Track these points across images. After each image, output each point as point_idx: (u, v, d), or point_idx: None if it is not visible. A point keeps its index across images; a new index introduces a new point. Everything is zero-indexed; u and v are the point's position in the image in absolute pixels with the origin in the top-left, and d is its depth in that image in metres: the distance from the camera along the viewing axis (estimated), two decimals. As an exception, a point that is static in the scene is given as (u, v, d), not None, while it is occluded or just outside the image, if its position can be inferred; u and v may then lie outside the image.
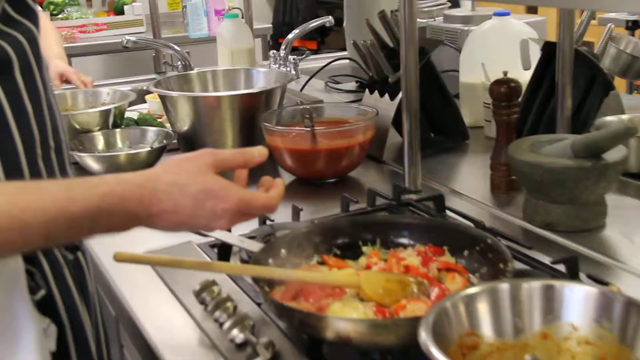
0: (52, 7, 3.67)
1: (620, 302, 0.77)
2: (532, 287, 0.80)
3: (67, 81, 1.97)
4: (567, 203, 1.22)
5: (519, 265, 1.07)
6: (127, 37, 2.32)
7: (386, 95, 1.67)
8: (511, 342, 0.79)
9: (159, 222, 0.82)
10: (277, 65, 2.53)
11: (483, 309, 0.79)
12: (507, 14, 1.82)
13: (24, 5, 0.89)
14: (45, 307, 0.89)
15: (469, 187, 1.49)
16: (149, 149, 1.60)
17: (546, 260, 1.09)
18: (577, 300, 0.79)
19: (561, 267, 1.05)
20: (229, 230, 1.20)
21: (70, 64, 3.55)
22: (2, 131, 0.85)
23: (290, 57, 2.54)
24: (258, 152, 0.89)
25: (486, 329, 0.79)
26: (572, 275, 1.04)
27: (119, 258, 0.89)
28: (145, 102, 2.13)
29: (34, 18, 0.90)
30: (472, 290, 0.80)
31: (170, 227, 0.83)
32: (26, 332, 0.86)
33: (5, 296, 0.84)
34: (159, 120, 1.93)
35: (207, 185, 0.83)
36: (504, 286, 0.80)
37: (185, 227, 0.85)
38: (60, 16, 3.64)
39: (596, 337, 0.79)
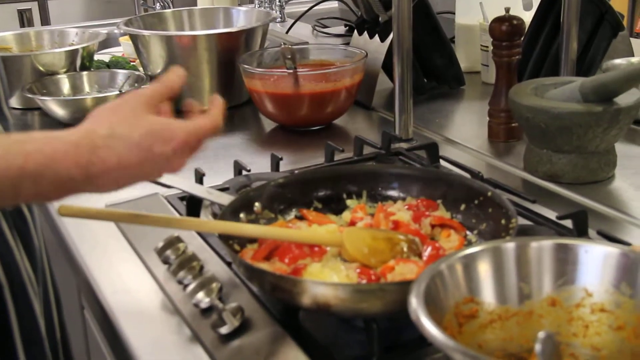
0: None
1: (645, 265, 0.66)
2: (542, 247, 0.69)
3: None
4: (573, 152, 1.11)
5: (520, 221, 0.95)
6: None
7: (376, 37, 1.55)
8: (515, 309, 0.69)
9: (102, 184, 0.69)
10: (262, 8, 2.40)
11: (484, 271, 0.68)
12: (508, -51, 1.68)
13: None
14: None
15: (464, 135, 1.37)
16: (118, 92, 1.47)
17: (550, 215, 0.98)
18: (594, 261, 0.68)
19: (568, 223, 0.94)
20: (200, 182, 1.08)
21: (46, 6, 3.41)
22: None
23: (276, -1, 2.42)
24: (175, 74, 0.78)
25: (487, 295, 0.68)
26: (581, 231, 0.93)
27: (64, 212, 0.76)
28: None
29: None
30: (471, 250, 0.69)
31: (118, 186, 0.71)
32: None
33: None
34: (132, 63, 1.79)
35: (150, 128, 0.71)
36: (509, 245, 0.69)
37: (136, 180, 0.73)
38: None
39: (613, 304, 0.68)
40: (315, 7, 2.28)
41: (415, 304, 0.62)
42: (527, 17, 1.52)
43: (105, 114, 0.72)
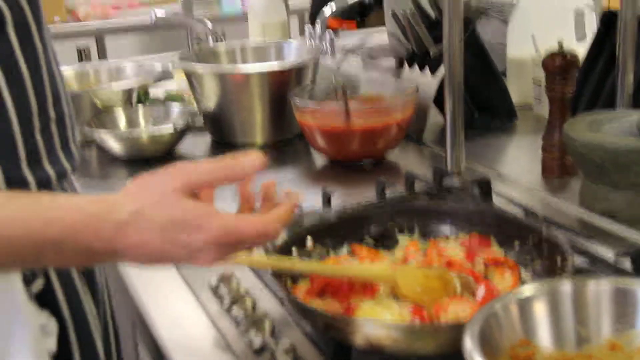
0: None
1: None
2: (601, 289, 0.67)
3: None
4: (631, 189, 1.08)
5: (575, 259, 0.93)
6: (156, 12, 2.21)
7: (427, 71, 1.55)
8: (573, 353, 0.67)
9: (129, 258, 0.68)
10: (312, 42, 2.42)
11: (540, 313, 0.67)
12: (560, -19, 1.68)
13: None
14: (43, 299, 0.79)
15: (517, 170, 1.36)
16: (172, 129, 1.49)
17: (608, 253, 0.96)
18: (655, 305, 0.66)
19: (626, 262, 0.92)
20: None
21: (103, 41, 3.51)
22: None
23: (327, 33, 2.43)
24: (251, 161, 0.70)
25: (543, 337, 0.67)
26: (639, 271, 0.91)
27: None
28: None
29: None
30: (527, 291, 0.68)
31: (145, 262, 0.69)
32: (20, 329, 0.76)
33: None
34: (186, 97, 1.82)
35: (176, 216, 0.67)
36: (566, 287, 0.68)
37: (161, 262, 0.69)
38: (93, -7, 3.57)
39: (676, 350, 0.66)
40: (365, 40, 2.29)
41: (470, 345, 0.61)
42: (580, 48, 1.50)
43: (139, 188, 0.69)
